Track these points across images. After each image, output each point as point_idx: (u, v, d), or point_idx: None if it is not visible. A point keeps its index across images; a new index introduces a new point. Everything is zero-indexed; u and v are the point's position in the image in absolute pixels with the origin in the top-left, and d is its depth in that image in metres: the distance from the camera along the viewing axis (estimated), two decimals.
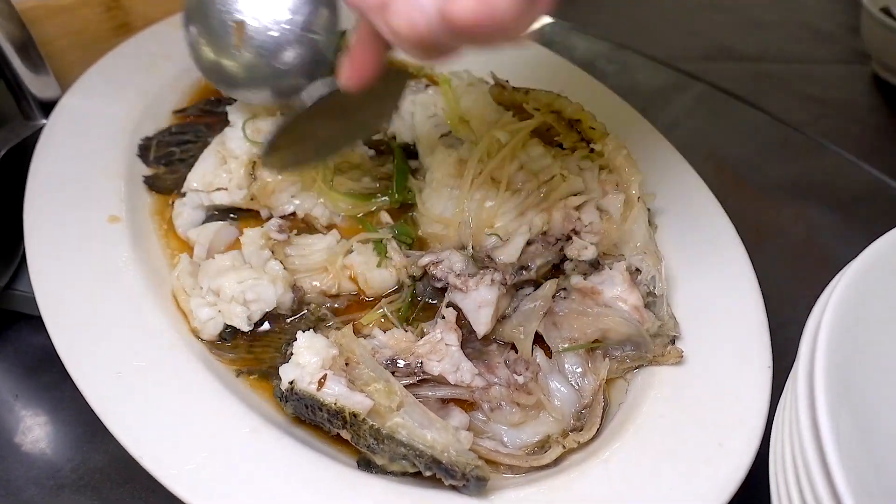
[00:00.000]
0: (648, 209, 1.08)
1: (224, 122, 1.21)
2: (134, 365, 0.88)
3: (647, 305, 1.00)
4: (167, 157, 1.19)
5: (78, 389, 0.84)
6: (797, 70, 1.91)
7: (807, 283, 1.30)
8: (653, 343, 0.97)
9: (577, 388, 0.96)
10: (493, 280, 0.97)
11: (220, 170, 1.08)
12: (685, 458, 0.85)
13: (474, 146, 1.12)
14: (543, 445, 0.90)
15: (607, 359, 0.98)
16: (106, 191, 1.09)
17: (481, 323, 0.96)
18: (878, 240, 0.79)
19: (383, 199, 1.14)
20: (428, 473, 0.81)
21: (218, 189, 1.08)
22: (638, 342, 0.98)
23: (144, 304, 0.96)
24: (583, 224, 1.06)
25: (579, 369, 0.97)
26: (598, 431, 0.92)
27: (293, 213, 1.10)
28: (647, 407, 0.92)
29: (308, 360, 0.85)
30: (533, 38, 1.45)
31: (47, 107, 1.20)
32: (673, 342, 0.99)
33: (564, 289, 1.02)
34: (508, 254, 1.01)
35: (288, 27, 1.01)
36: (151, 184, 1.16)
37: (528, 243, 1.03)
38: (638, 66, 1.75)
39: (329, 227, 1.12)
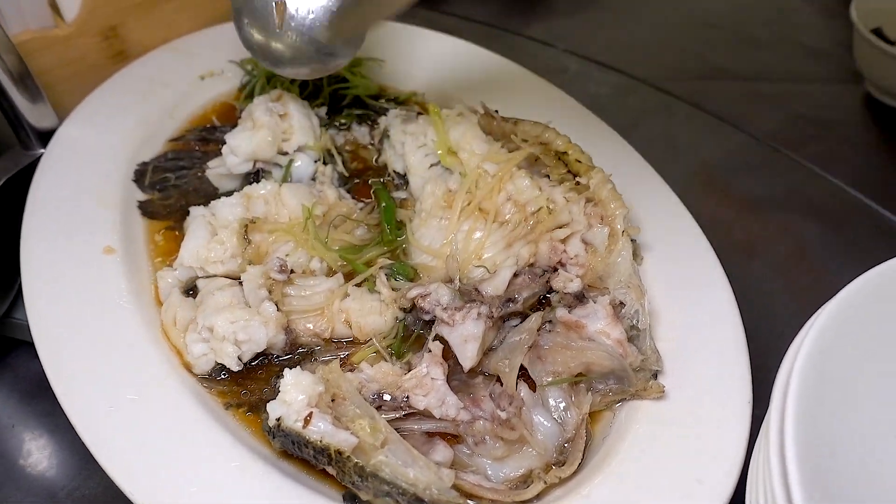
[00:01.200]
0: (633, 241, 1.10)
1: (219, 150, 1.23)
2: (126, 398, 0.90)
3: (630, 339, 1.02)
4: (162, 182, 1.22)
5: None
6: (790, 89, 1.92)
7: (796, 299, 1.33)
8: (635, 377, 0.99)
9: (560, 421, 0.98)
10: (479, 314, 0.99)
11: (213, 242, 1.06)
12: (664, 495, 0.87)
13: (463, 177, 1.15)
14: (526, 480, 0.92)
15: (590, 393, 0.99)
16: (102, 220, 1.11)
17: (467, 357, 0.97)
18: (851, 283, 0.80)
19: (374, 249, 1.13)
20: None
21: (213, 262, 1.06)
22: (621, 376, 1.00)
23: (138, 337, 0.98)
24: (568, 256, 1.08)
25: (563, 403, 0.99)
26: (581, 465, 0.93)
27: (292, 271, 1.07)
28: (629, 443, 0.94)
29: (294, 398, 0.87)
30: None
31: (45, 136, 1.22)
32: (655, 376, 1.01)
33: (550, 321, 1.04)
34: (495, 286, 1.03)
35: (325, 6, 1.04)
36: (145, 210, 1.18)
37: (515, 275, 1.05)
38: (628, 88, 1.77)
39: (331, 273, 1.11)
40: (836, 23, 2.12)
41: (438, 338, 1.00)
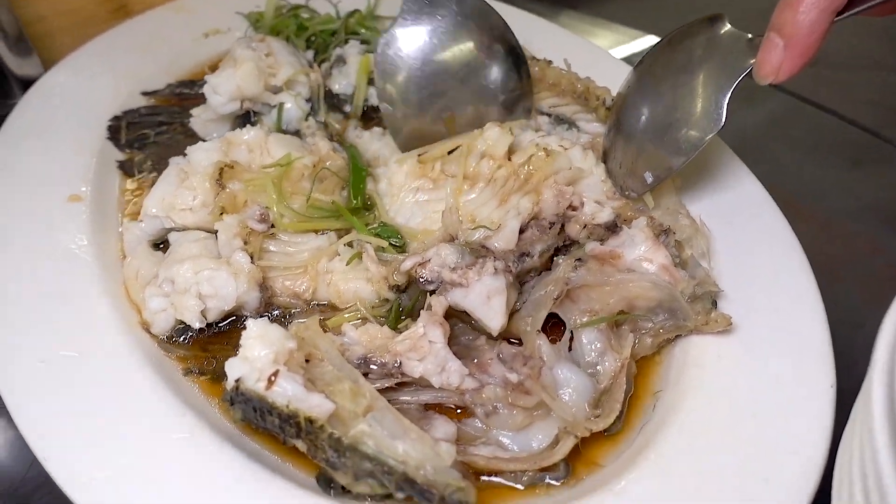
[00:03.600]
0: None
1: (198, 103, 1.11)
2: (62, 354, 0.75)
3: (678, 266, 0.85)
4: (140, 139, 1.09)
5: None
6: (864, 77, 1.71)
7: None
8: (691, 309, 0.82)
9: (593, 371, 0.81)
10: (496, 268, 0.81)
11: (182, 188, 0.92)
12: (719, 497, 0.67)
13: None
14: (557, 444, 0.75)
15: (634, 335, 0.83)
16: (73, 168, 0.99)
17: (495, 315, 0.79)
18: None
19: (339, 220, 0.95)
20: (400, 495, 0.66)
21: (181, 210, 0.92)
22: (672, 308, 0.82)
23: (92, 289, 0.84)
24: (580, 199, 0.91)
25: (599, 346, 0.82)
26: (621, 421, 0.78)
27: (272, 225, 0.91)
28: (674, 430, 0.74)
29: (258, 354, 0.70)
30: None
31: (29, 85, 1.11)
32: (715, 304, 0.83)
33: (579, 259, 0.87)
34: (505, 240, 0.85)
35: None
36: (127, 169, 1.05)
37: (521, 230, 0.87)
38: None
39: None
40: None
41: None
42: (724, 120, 0.84)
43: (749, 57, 0.83)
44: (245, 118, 1.09)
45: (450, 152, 0.98)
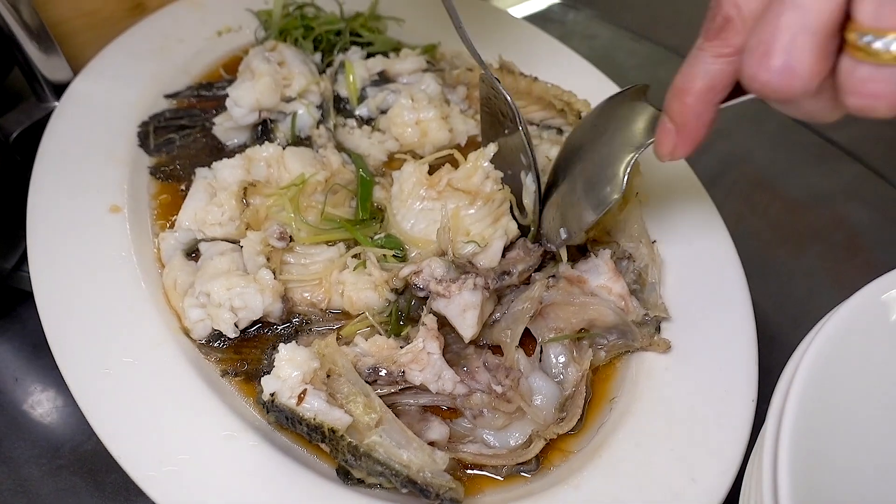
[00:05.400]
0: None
1: (219, 108, 1.23)
2: (122, 361, 0.90)
3: (633, 293, 1.02)
4: (167, 144, 1.20)
5: None
6: None
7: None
8: (639, 332, 1.00)
9: (560, 380, 0.98)
10: (475, 284, 0.97)
11: (211, 204, 1.06)
12: (655, 492, 0.86)
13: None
14: (530, 444, 0.92)
15: (591, 349, 1.00)
16: (110, 178, 1.10)
17: (467, 326, 0.96)
18: (854, 295, 0.75)
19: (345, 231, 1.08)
20: (404, 491, 0.84)
21: (211, 225, 1.06)
22: (624, 330, 1.00)
23: (138, 298, 0.98)
24: None
25: (563, 359, 0.99)
26: (582, 422, 0.95)
27: (291, 238, 1.05)
28: (624, 433, 0.92)
29: (289, 374, 0.86)
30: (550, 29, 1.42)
31: (60, 89, 1.21)
32: (658, 330, 1.01)
33: (553, 276, 1.03)
34: (489, 258, 1.01)
35: None
36: (158, 174, 1.17)
37: (508, 249, 1.03)
38: (660, 60, 1.68)
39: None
40: None
41: (433, 313, 0.98)
42: (623, 188, 0.92)
43: (650, 134, 0.90)
44: (262, 125, 1.22)
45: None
